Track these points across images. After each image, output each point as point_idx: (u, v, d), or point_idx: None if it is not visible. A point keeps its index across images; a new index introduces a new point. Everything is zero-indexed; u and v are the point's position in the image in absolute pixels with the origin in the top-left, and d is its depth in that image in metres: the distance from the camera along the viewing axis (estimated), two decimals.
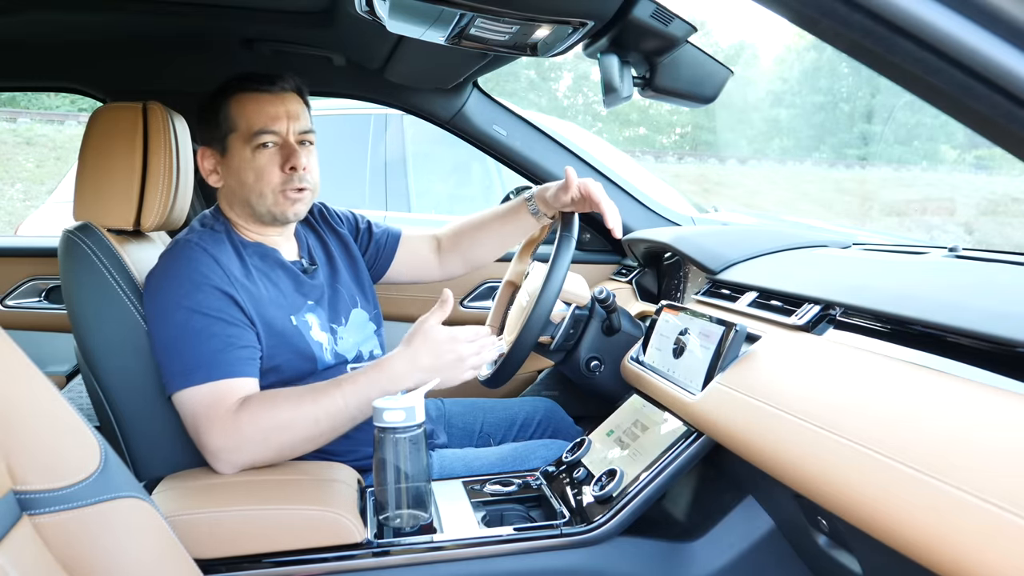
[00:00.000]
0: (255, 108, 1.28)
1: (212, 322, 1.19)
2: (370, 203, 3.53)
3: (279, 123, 1.28)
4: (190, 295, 1.20)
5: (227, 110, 1.30)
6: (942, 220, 9.52)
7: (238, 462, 1.16)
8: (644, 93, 1.22)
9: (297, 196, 1.30)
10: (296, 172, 1.28)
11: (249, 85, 1.30)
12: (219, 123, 1.30)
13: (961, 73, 0.52)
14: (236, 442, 1.15)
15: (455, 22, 1.13)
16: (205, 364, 1.17)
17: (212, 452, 1.16)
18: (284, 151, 1.28)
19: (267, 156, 1.28)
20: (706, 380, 1.15)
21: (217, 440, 1.15)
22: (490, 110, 2.00)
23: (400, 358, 1.19)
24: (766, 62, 22.38)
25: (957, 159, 14.31)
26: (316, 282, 1.39)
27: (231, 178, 1.31)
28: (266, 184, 1.28)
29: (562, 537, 1.14)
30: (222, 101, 1.30)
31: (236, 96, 1.29)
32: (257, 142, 1.27)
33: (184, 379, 1.17)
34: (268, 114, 1.28)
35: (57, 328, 2.01)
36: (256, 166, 1.28)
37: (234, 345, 1.20)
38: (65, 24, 1.66)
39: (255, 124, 1.27)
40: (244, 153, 1.28)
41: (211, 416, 1.16)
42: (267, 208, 1.30)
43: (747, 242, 1.53)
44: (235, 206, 1.34)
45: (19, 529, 0.64)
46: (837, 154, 17.16)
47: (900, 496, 0.72)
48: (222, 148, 1.31)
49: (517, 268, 1.69)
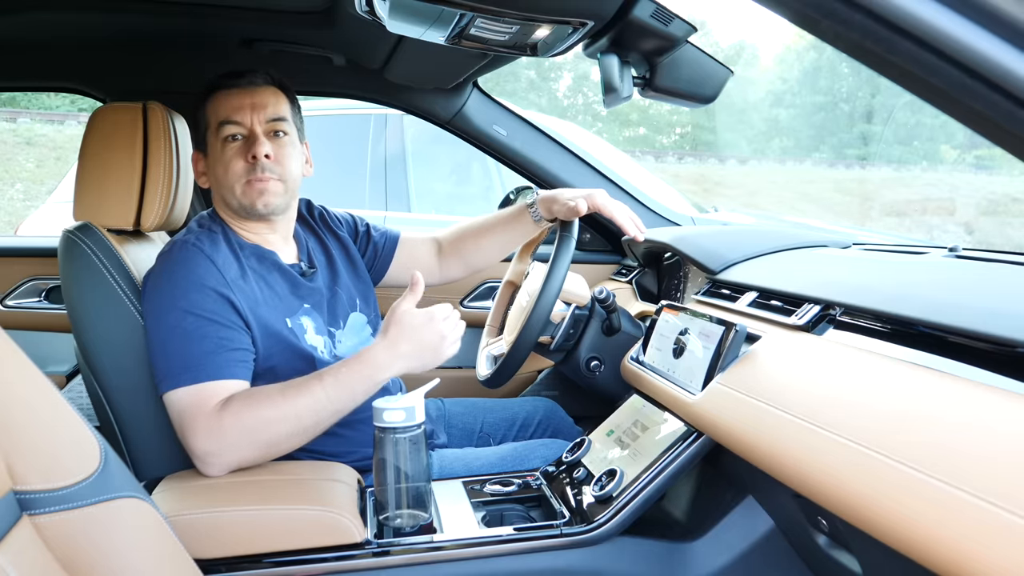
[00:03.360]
0: (223, 102, 1.30)
1: (205, 323, 1.19)
2: (370, 203, 3.53)
3: (242, 113, 1.28)
4: (185, 296, 1.19)
5: (204, 109, 1.33)
6: (942, 220, 9.51)
7: (224, 463, 1.15)
8: (644, 93, 1.22)
9: (262, 187, 1.28)
10: (258, 161, 1.27)
11: (220, 82, 1.32)
12: (198, 123, 1.34)
13: (961, 73, 0.52)
14: (220, 444, 1.14)
15: (455, 22, 1.13)
16: (194, 365, 1.17)
17: (198, 455, 1.15)
18: (247, 141, 1.29)
19: (233, 149, 1.29)
20: (706, 380, 1.15)
21: (202, 443, 1.14)
22: (490, 110, 2.00)
23: (379, 347, 1.18)
24: (766, 62, 22.40)
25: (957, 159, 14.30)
26: (314, 285, 1.38)
27: (211, 175, 1.33)
28: (232, 176, 1.29)
29: (562, 537, 1.14)
30: (202, 101, 1.33)
31: (211, 96, 1.32)
32: (224, 134, 1.29)
33: (173, 380, 1.17)
34: (232, 106, 1.29)
35: (57, 328, 2.01)
36: (224, 159, 1.29)
37: (226, 347, 1.19)
38: (65, 24, 1.66)
39: (220, 116, 1.29)
40: (216, 148, 1.30)
41: (195, 417, 1.14)
42: (238, 201, 1.30)
43: (747, 242, 1.53)
44: (221, 205, 1.35)
45: (19, 529, 0.64)
46: (837, 154, 17.16)
47: (900, 496, 0.72)
48: (204, 148, 1.34)
49: (517, 268, 1.69)
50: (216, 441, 1.13)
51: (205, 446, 1.14)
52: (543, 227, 1.55)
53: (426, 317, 1.18)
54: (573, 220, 1.42)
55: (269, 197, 1.29)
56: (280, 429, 1.15)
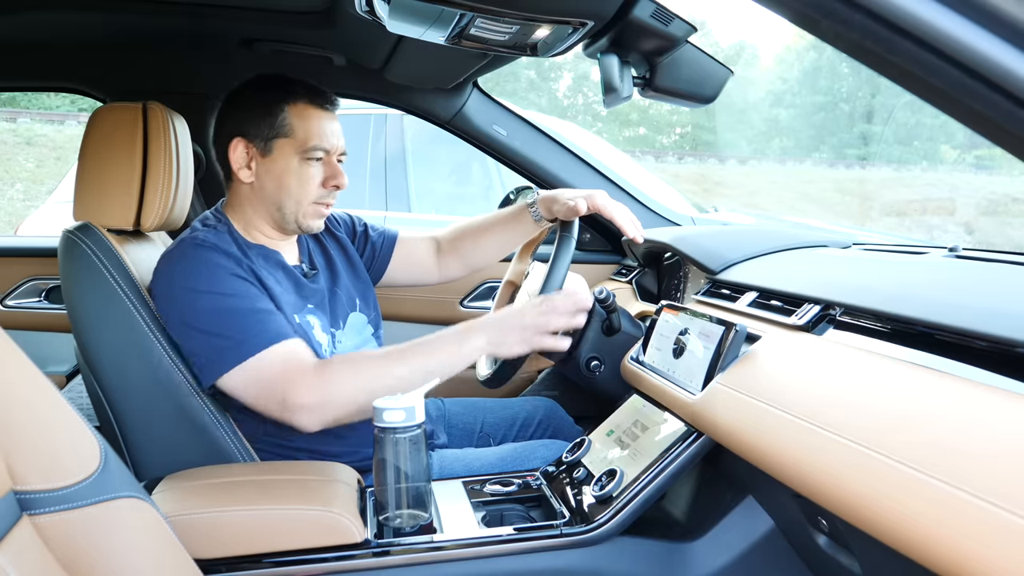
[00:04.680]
0: (317, 124, 1.31)
1: (242, 300, 1.20)
2: (370, 203, 3.53)
3: (332, 141, 1.32)
4: (211, 282, 1.20)
5: (286, 115, 1.29)
6: (942, 220, 9.52)
7: (325, 419, 1.18)
8: (644, 93, 1.22)
9: (327, 211, 1.36)
10: (338, 190, 1.34)
11: (315, 100, 1.32)
12: (272, 124, 1.29)
13: (961, 73, 0.52)
14: (326, 398, 1.17)
15: (455, 22, 1.13)
16: (257, 332, 1.18)
17: (304, 407, 1.16)
18: (329, 168, 1.33)
19: (314, 168, 1.31)
20: (706, 380, 1.15)
21: (306, 396, 1.16)
22: (490, 110, 2.00)
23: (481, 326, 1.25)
24: (766, 62, 22.41)
25: (957, 159, 14.30)
26: (316, 287, 1.39)
27: (268, 179, 1.31)
28: (306, 194, 1.31)
29: (562, 537, 1.14)
30: (281, 104, 1.30)
31: (299, 105, 1.30)
32: (312, 155, 1.30)
33: (240, 353, 1.17)
34: (326, 131, 1.31)
35: (57, 328, 2.01)
36: (302, 175, 1.30)
37: (274, 314, 1.22)
38: (65, 24, 1.66)
39: (313, 139, 1.30)
40: (292, 161, 1.30)
41: (293, 374, 1.17)
42: (297, 216, 1.32)
43: (747, 242, 1.53)
44: (257, 206, 1.33)
45: (19, 529, 0.64)
46: (837, 154, 17.17)
47: (900, 496, 0.72)
48: (266, 147, 1.30)
49: (517, 268, 1.69)
50: (322, 395, 1.16)
51: (311, 398, 1.16)
52: (543, 227, 1.55)
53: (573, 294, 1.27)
54: (573, 220, 1.42)
55: (323, 222, 1.37)
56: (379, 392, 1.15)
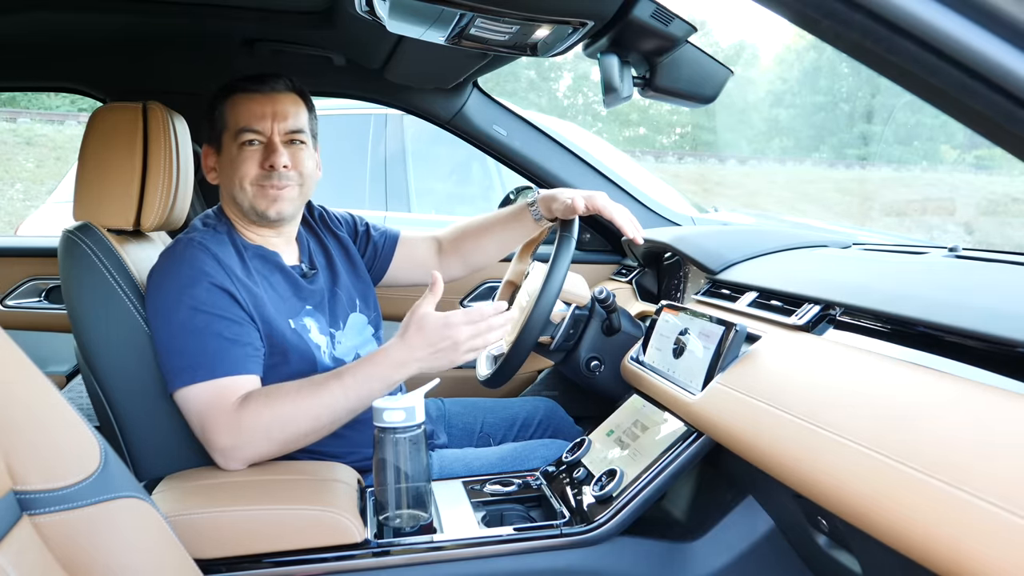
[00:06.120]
0: (244, 107, 1.31)
1: (214, 320, 1.20)
2: (370, 203, 3.53)
3: (263, 122, 1.31)
4: (192, 293, 1.20)
5: (222, 109, 1.34)
6: (942, 220, 9.51)
7: (244, 458, 1.18)
8: (644, 93, 1.22)
9: (276, 193, 1.31)
10: (275, 170, 1.30)
11: (243, 85, 1.33)
12: (215, 122, 1.35)
13: (961, 73, 0.52)
14: (241, 439, 1.16)
15: (455, 22, 1.13)
16: (208, 362, 1.18)
17: (219, 450, 1.17)
18: (267, 149, 1.31)
19: (249, 153, 1.31)
20: (706, 380, 1.15)
21: (223, 439, 1.16)
22: (490, 110, 2.00)
23: (396, 347, 1.19)
24: (766, 62, 22.40)
25: (957, 159, 14.30)
26: (315, 287, 1.39)
27: (222, 174, 1.35)
28: (244, 177, 1.30)
29: (562, 537, 1.14)
30: (221, 100, 1.35)
31: (231, 96, 1.33)
32: (242, 139, 1.30)
33: (187, 376, 1.18)
34: (254, 113, 1.31)
35: (57, 328, 2.01)
36: (240, 163, 1.31)
37: (237, 343, 1.20)
38: (65, 24, 1.66)
39: (241, 122, 1.31)
40: (231, 150, 1.32)
41: (215, 414, 1.17)
42: (249, 203, 1.31)
43: (747, 242, 1.53)
44: (230, 204, 1.36)
45: (19, 529, 0.64)
46: (837, 154, 17.16)
47: (900, 496, 0.72)
48: (218, 146, 1.35)
49: (517, 268, 1.68)
50: (237, 437, 1.16)
51: (226, 441, 1.16)
52: (543, 226, 1.55)
53: (442, 321, 1.19)
54: (573, 220, 1.42)
55: (282, 204, 1.32)
56: (299, 426, 1.17)
